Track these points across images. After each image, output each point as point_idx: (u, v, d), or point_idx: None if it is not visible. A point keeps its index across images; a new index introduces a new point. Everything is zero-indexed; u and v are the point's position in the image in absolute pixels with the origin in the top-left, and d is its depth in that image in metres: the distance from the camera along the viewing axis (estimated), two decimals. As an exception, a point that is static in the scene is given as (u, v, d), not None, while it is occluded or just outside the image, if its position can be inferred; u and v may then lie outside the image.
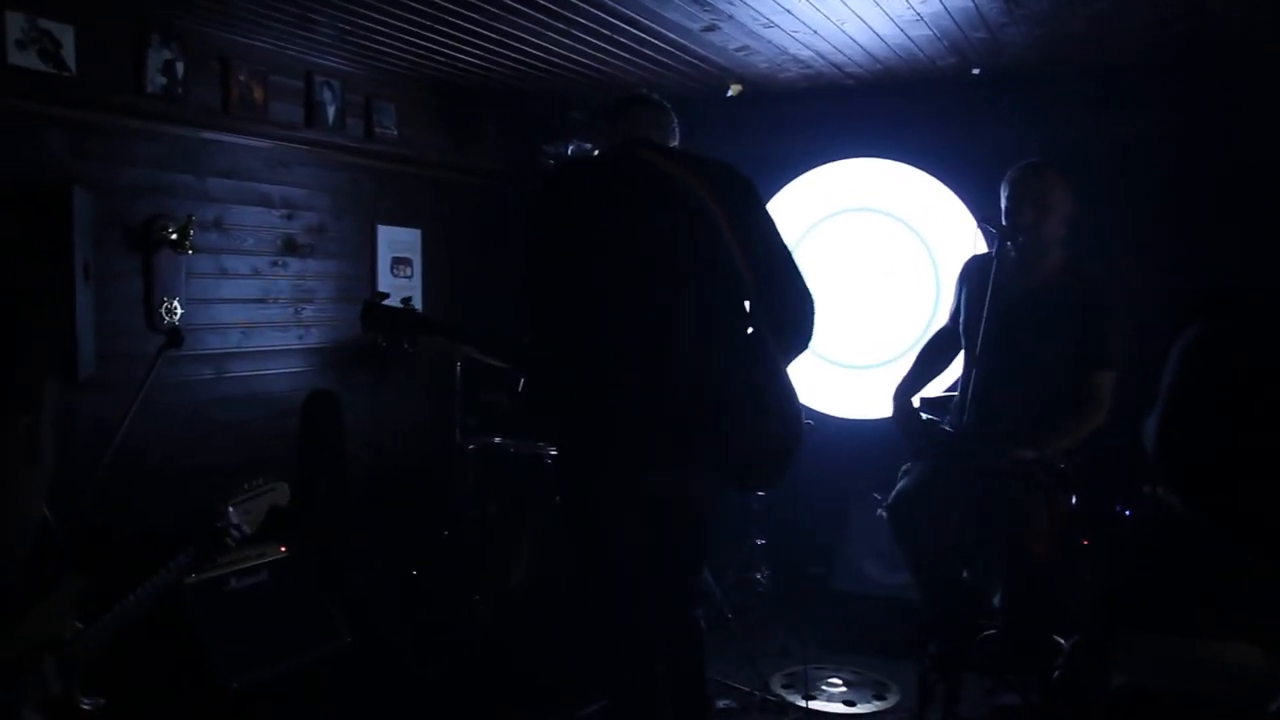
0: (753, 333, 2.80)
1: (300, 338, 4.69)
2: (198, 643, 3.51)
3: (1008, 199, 3.43)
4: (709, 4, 3.67)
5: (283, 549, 4.00)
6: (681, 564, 2.97)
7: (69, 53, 3.53)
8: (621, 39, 4.10)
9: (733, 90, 4.97)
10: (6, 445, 0.77)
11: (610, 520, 2.81)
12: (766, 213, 2.82)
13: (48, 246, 3.12)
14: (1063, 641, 3.47)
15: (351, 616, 4.00)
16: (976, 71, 4.66)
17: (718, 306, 2.74)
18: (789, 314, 2.79)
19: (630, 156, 2.84)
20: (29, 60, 3.40)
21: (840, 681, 4.17)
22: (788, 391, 2.79)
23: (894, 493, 3.59)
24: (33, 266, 0.84)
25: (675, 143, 2.99)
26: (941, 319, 4.00)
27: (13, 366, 0.79)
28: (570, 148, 5.03)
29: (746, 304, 2.78)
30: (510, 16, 3.79)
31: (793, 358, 2.84)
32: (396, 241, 5.15)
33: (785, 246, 2.81)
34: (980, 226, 3.47)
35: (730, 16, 3.84)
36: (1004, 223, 3.41)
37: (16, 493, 0.78)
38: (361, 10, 3.75)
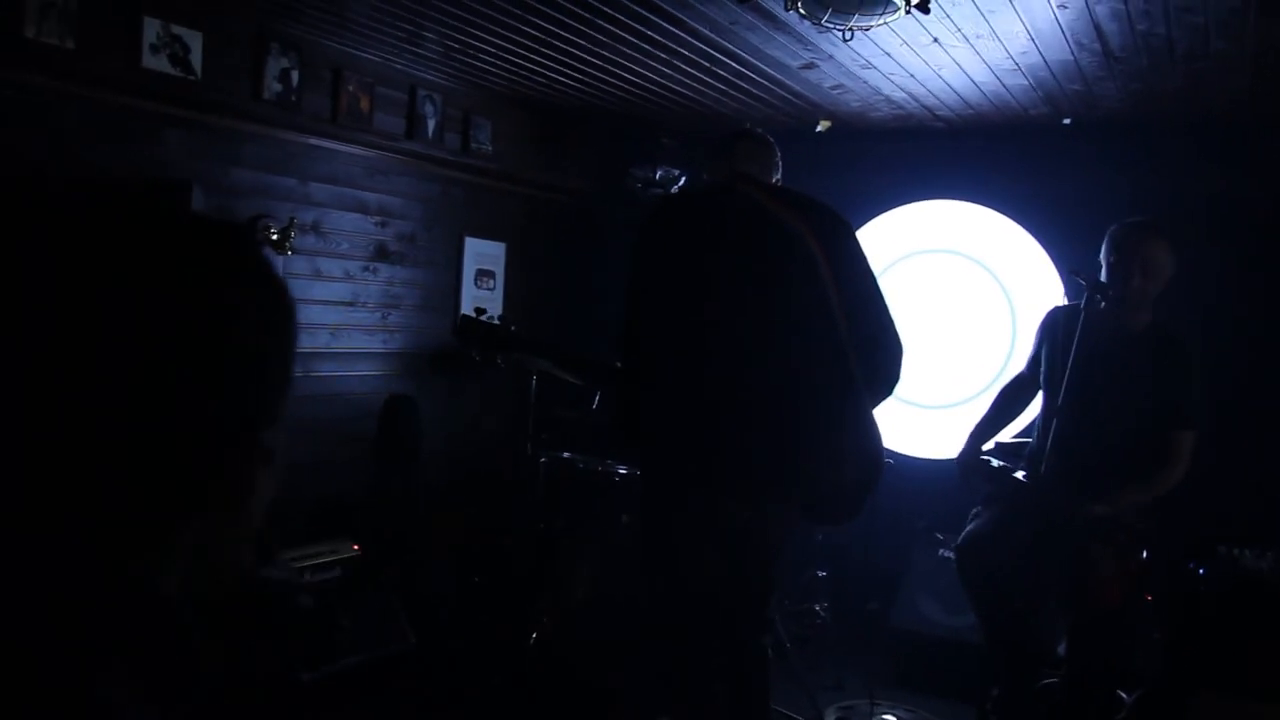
0: (844, 371, 2.84)
1: (384, 342, 4.82)
2: (273, 633, 3.61)
3: (1114, 256, 3.41)
4: (811, 43, 3.74)
5: (355, 547, 4.10)
6: (753, 593, 3.01)
7: (196, 58, 3.69)
8: (721, 71, 4.19)
9: (822, 126, 5.03)
10: (253, 455, 0.78)
11: (689, 547, 2.86)
12: (864, 256, 2.86)
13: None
14: (1125, 696, 3.46)
15: (417, 618, 4.09)
16: (1067, 121, 4.67)
17: (810, 344, 2.78)
18: (879, 357, 2.82)
19: (732, 191, 2.89)
20: (161, 64, 3.56)
21: (894, 718, 4.17)
22: (872, 430, 2.83)
23: (964, 535, 3.60)
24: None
25: (778, 176, 3.04)
26: (1017, 364, 4.01)
27: (260, 384, 0.79)
28: (659, 173, 5.12)
29: (837, 343, 2.82)
30: (615, 45, 3.89)
31: (880, 399, 2.88)
32: (482, 254, 5.27)
33: (880, 291, 2.85)
34: (1068, 277, 3.47)
35: (830, 56, 3.91)
36: (1102, 279, 3.40)
37: (257, 496, 0.80)
38: (469, 30, 3.87)
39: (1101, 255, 3.47)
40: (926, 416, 5.19)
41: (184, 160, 3.80)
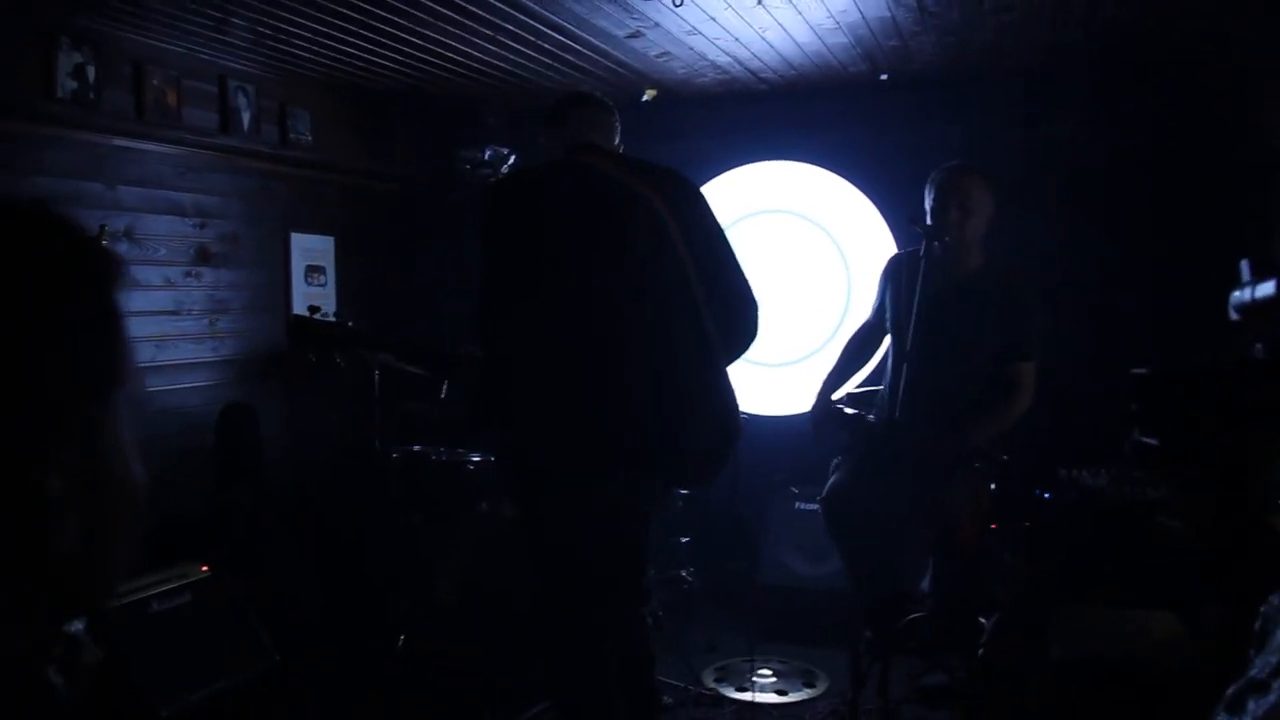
0: (701, 335, 2.86)
1: (215, 350, 4.57)
2: (124, 670, 3.38)
3: (934, 199, 3.55)
4: (638, 12, 3.72)
5: (204, 568, 3.88)
6: (629, 562, 3.01)
7: (-27, 57, 3.39)
8: (545, 44, 4.12)
9: (648, 95, 5.03)
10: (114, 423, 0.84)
11: (564, 522, 2.83)
12: (713, 217, 2.89)
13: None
14: (984, 621, 3.62)
15: (278, 634, 3.91)
16: (885, 76, 4.81)
17: (668, 311, 2.78)
18: (736, 317, 2.86)
19: (575, 163, 2.86)
20: (-64, 65, 3.25)
21: (770, 672, 4.25)
22: (729, 393, 2.86)
23: (827, 487, 3.68)
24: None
25: (618, 139, 3.02)
26: (854, 317, 4.12)
27: (111, 348, 0.85)
28: (488, 153, 5.02)
29: (693, 307, 2.83)
30: (436, 22, 3.77)
31: (735, 357, 2.92)
32: (310, 249, 5.06)
33: (732, 252, 2.89)
34: (907, 227, 3.60)
35: (657, 24, 3.90)
36: (929, 222, 3.53)
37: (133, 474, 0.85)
38: (280, 14, 3.68)
39: (925, 201, 3.61)
40: (771, 374, 5.30)
41: (-28, 170, 3.49)
